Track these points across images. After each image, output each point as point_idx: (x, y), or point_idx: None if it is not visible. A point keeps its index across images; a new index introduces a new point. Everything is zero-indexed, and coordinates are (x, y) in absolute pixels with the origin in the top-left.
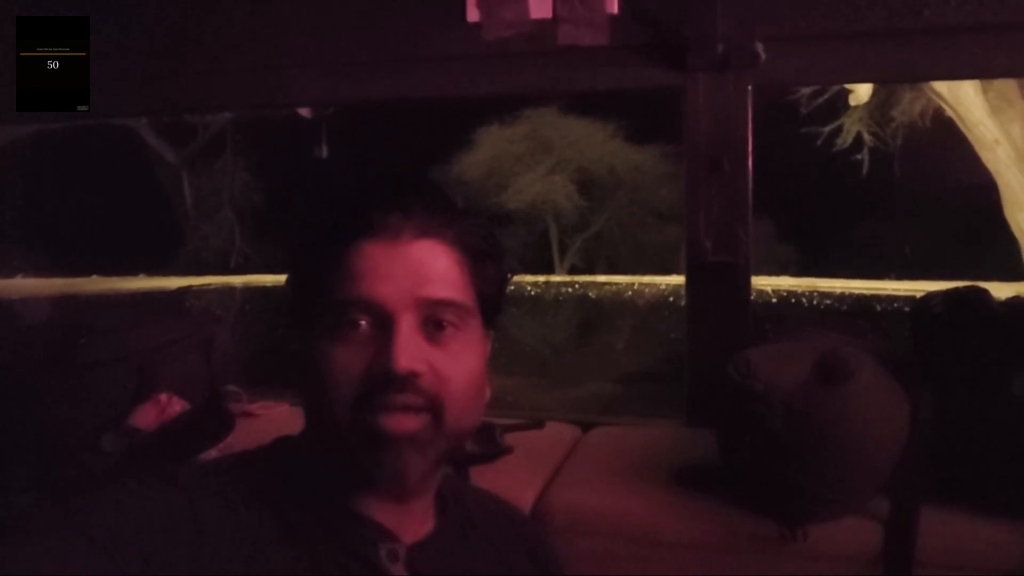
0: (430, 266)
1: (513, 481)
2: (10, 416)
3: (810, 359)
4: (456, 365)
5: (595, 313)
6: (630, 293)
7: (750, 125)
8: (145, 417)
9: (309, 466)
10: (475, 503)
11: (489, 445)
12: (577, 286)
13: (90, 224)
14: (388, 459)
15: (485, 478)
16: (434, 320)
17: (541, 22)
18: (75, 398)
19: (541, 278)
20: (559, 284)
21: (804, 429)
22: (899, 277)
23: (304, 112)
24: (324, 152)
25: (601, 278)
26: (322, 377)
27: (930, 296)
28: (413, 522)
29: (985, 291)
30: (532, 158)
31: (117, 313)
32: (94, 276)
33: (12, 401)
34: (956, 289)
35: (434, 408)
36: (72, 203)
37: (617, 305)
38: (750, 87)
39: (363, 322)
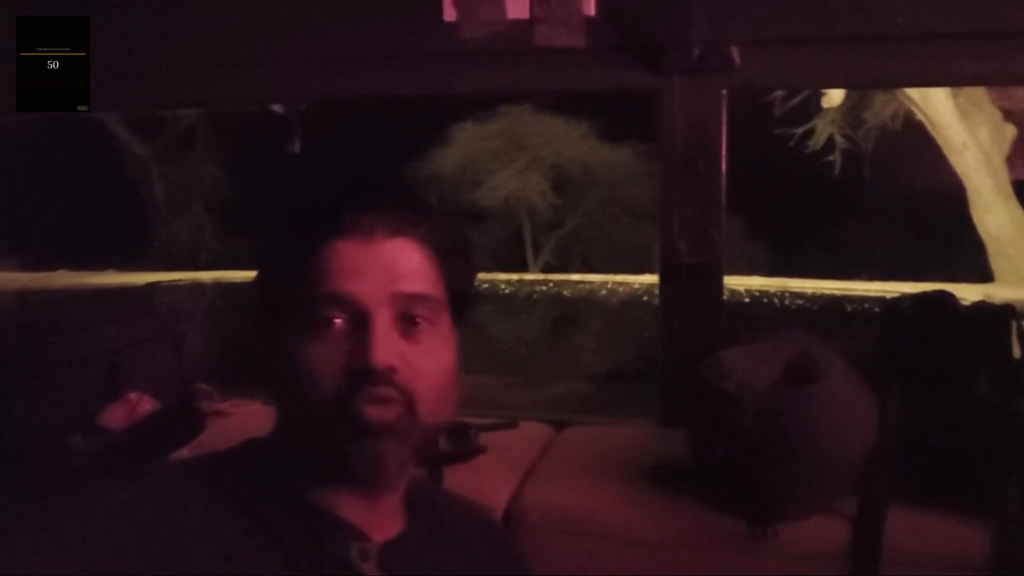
0: (403, 263)
1: (487, 481)
2: None
3: (782, 360)
4: (429, 360)
5: (569, 311)
6: (604, 292)
7: (724, 128)
8: (115, 416)
9: (279, 466)
10: (444, 504)
11: (463, 444)
12: (551, 284)
13: (58, 217)
14: (368, 448)
15: (459, 478)
16: (408, 316)
17: (518, 22)
18: (43, 398)
19: (515, 276)
20: (533, 282)
21: (774, 429)
22: (870, 278)
23: (277, 107)
24: (296, 147)
25: (575, 276)
26: (301, 375)
27: (900, 299)
28: (383, 521)
29: (952, 295)
30: (507, 155)
31: (86, 310)
32: (62, 271)
33: None
34: (924, 293)
35: (408, 402)
36: (39, 196)
37: (591, 304)
38: (725, 90)
39: (339, 319)
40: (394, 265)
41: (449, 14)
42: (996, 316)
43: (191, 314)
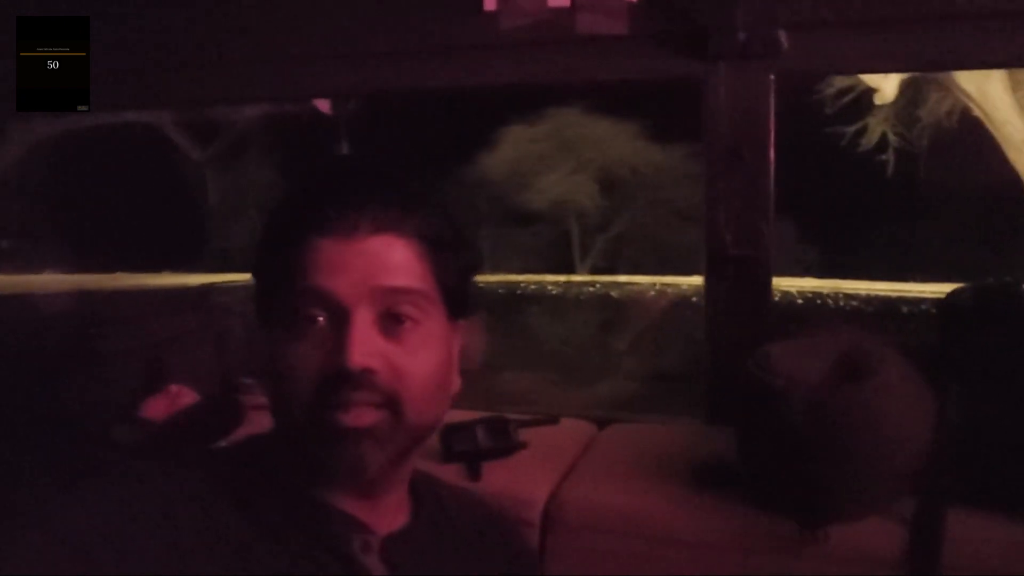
0: (386, 258)
1: (526, 477)
2: (23, 404)
3: (834, 354)
4: (415, 360)
5: (617, 313)
6: (652, 293)
7: (772, 115)
8: (155, 408)
9: (279, 462)
10: (451, 499)
11: (502, 440)
12: (599, 286)
13: (116, 221)
14: (346, 453)
15: (497, 473)
16: (392, 313)
17: (559, 10)
18: (87, 387)
19: (563, 277)
20: (581, 284)
21: (826, 426)
22: (924, 279)
23: (324, 108)
24: (344, 149)
25: (623, 278)
26: (280, 373)
27: (960, 290)
28: (386, 515)
29: (1017, 285)
30: (555, 158)
31: (132, 305)
32: (119, 272)
33: (25, 390)
34: (987, 282)
35: (391, 404)
36: (98, 200)
37: (639, 305)
38: (772, 76)
39: (319, 317)
40: (376, 260)
41: (490, 3)
42: None
43: (239, 311)
